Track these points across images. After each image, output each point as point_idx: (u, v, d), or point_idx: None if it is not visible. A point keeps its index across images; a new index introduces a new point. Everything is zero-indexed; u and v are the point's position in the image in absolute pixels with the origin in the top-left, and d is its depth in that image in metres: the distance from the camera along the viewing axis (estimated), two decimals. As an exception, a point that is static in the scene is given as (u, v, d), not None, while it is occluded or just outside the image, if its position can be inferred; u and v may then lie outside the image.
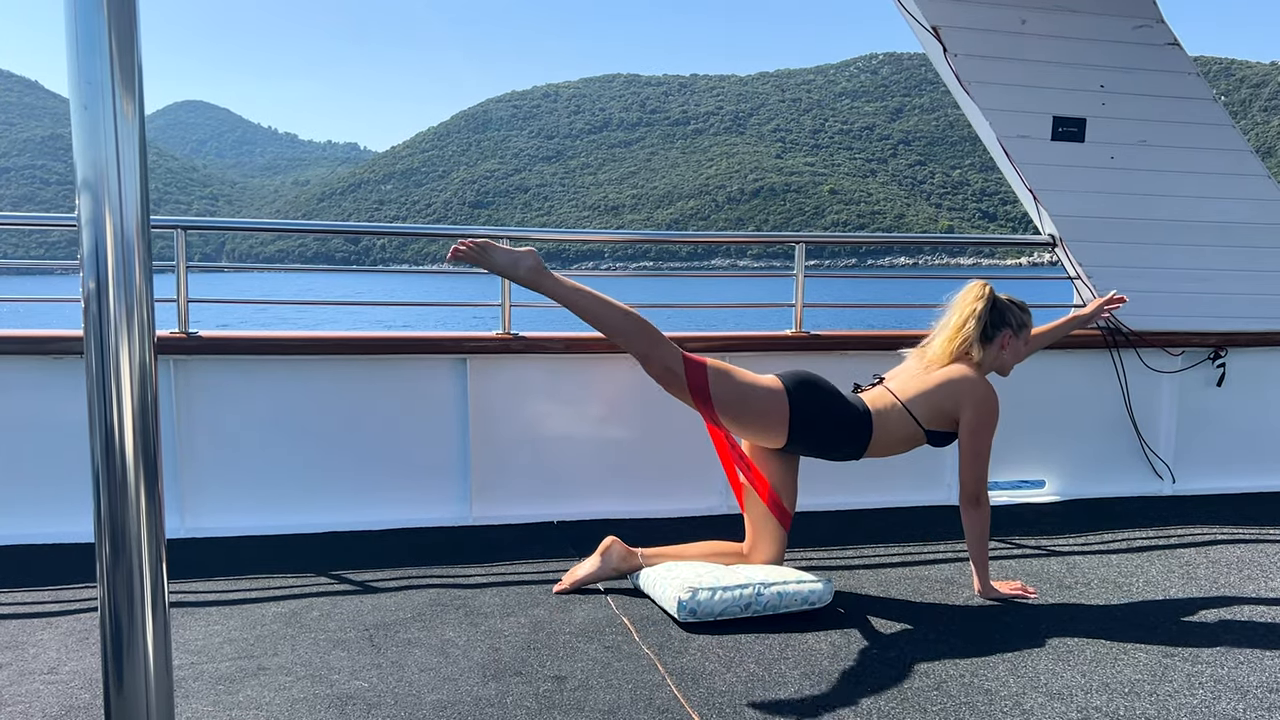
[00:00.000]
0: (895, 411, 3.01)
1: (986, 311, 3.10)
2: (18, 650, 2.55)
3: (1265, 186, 4.33)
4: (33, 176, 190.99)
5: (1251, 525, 3.88)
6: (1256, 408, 4.52)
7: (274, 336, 3.77)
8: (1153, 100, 4.21)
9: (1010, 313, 3.14)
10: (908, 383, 3.08)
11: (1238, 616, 2.87)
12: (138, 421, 1.12)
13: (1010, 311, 3.14)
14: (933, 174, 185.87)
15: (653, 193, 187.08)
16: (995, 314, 3.12)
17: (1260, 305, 4.41)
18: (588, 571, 3.07)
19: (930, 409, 3.01)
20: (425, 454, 3.82)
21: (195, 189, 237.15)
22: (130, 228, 1.11)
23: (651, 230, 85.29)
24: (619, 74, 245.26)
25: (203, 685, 2.34)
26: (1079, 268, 4.30)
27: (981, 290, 3.14)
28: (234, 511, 3.66)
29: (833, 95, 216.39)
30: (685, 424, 4.02)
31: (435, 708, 2.23)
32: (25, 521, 3.48)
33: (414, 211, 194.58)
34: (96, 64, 1.08)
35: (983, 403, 2.99)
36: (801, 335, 4.09)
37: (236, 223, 19.31)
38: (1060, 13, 4.08)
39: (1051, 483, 4.38)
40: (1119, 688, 2.37)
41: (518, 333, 3.88)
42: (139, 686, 1.15)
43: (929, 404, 3.01)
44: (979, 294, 3.13)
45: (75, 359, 3.49)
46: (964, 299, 3.15)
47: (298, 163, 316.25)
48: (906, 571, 3.29)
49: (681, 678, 2.41)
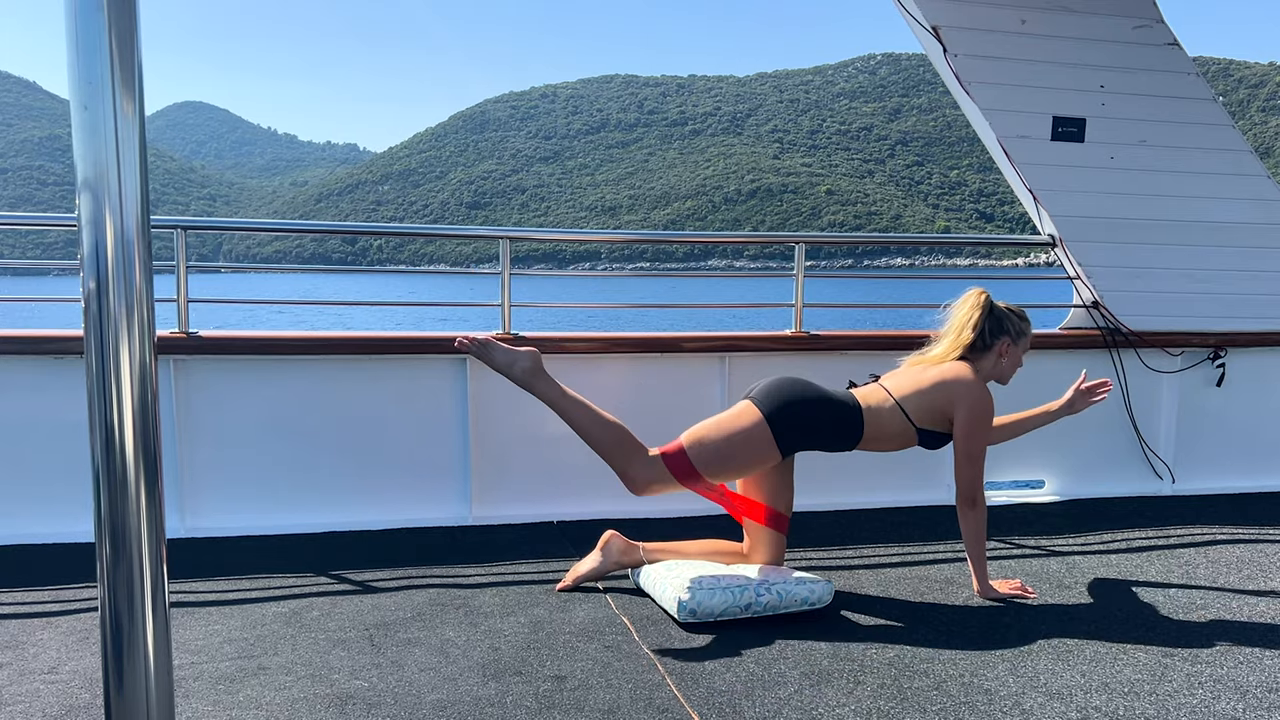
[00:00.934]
0: (888, 408, 3.00)
1: (984, 319, 3.09)
2: (18, 650, 2.55)
3: (1265, 186, 4.33)
4: (30, 177, 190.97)
5: (1251, 525, 3.88)
6: (1256, 408, 4.52)
7: (274, 336, 3.77)
8: (1153, 100, 4.21)
9: (1009, 320, 3.12)
10: (903, 382, 3.08)
11: (1237, 616, 2.87)
12: (138, 421, 1.12)
13: (1008, 319, 3.12)
14: (930, 174, 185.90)
15: (650, 193, 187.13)
16: (993, 321, 3.10)
17: (1260, 305, 4.41)
18: (590, 567, 3.07)
19: (924, 407, 3.00)
20: (425, 454, 3.82)
21: (193, 190, 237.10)
22: (130, 228, 1.11)
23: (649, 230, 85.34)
24: (617, 75, 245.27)
25: (203, 685, 2.34)
26: (1079, 268, 4.30)
27: (979, 298, 3.12)
28: (234, 511, 3.66)
29: (831, 96, 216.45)
30: (686, 423, 4.02)
31: (435, 707, 2.23)
32: (25, 521, 3.48)
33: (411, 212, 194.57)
34: (96, 64, 1.08)
35: (976, 404, 2.98)
36: (801, 335, 4.09)
37: (237, 223, 19.30)
38: (1060, 13, 4.08)
39: (1051, 483, 4.38)
40: (1119, 688, 2.37)
41: (518, 333, 3.88)
42: (139, 686, 1.15)
43: (923, 402, 3.01)
44: (976, 302, 3.11)
45: (75, 359, 3.49)
46: (961, 307, 3.14)
47: (296, 164, 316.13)
48: (906, 571, 3.29)
49: (681, 678, 2.41)
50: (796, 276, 4.12)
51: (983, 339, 3.08)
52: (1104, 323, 4.30)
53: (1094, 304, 4.33)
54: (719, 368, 4.02)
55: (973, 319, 3.08)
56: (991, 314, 3.11)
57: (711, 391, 4.02)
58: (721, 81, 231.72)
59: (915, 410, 3.00)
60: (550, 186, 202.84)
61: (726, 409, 3.07)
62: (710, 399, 4.01)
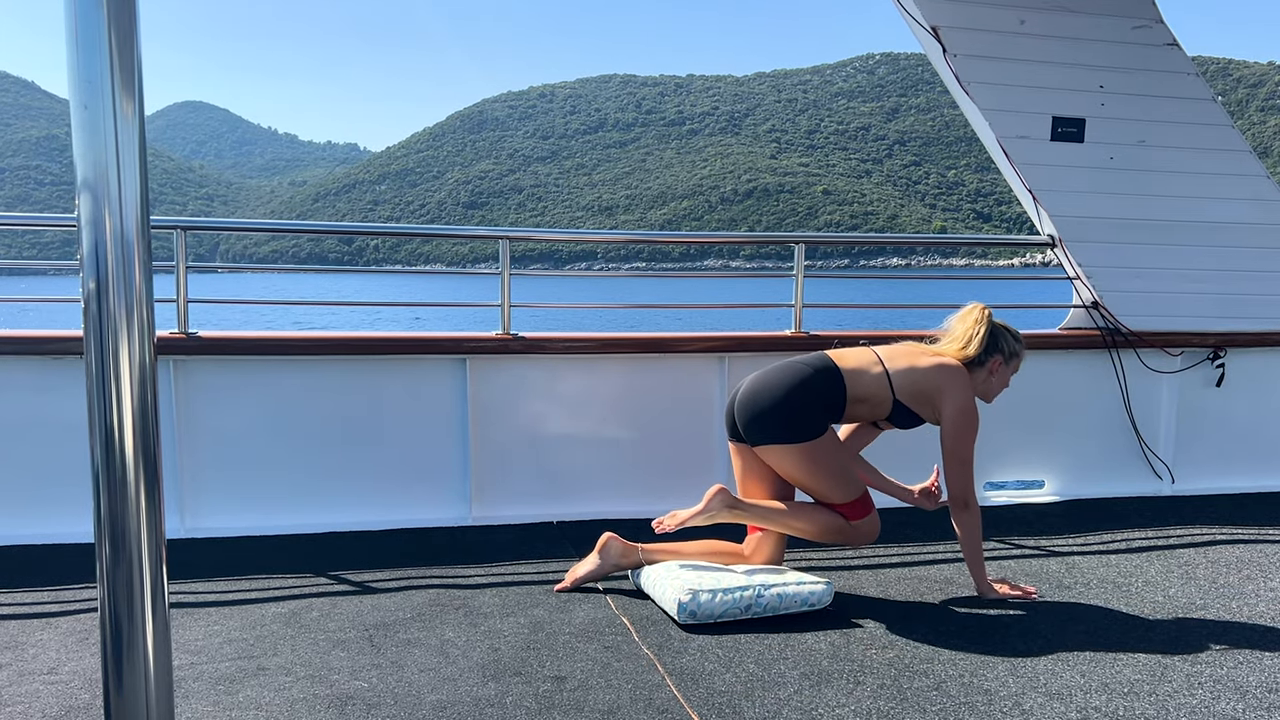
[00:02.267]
0: (874, 372, 3.01)
1: (985, 335, 3.08)
2: (18, 650, 2.55)
3: (1265, 186, 4.33)
4: (27, 177, 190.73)
5: (1251, 525, 3.88)
6: (1256, 408, 4.52)
7: (274, 337, 3.77)
8: (1152, 100, 4.21)
9: (1004, 339, 3.12)
10: (898, 354, 3.07)
11: (1237, 616, 2.87)
12: (138, 422, 1.12)
13: (1004, 338, 3.12)
14: (927, 174, 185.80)
15: (647, 193, 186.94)
16: (990, 338, 3.10)
17: (1260, 305, 4.41)
18: (588, 570, 3.07)
19: (911, 385, 3.00)
20: (425, 454, 3.82)
21: (191, 189, 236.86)
22: (130, 228, 1.11)
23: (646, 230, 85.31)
24: (616, 74, 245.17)
25: (203, 685, 2.34)
26: (1078, 268, 4.30)
27: (982, 313, 3.12)
28: (234, 512, 3.65)
29: (829, 95, 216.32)
30: (685, 424, 4.03)
31: (435, 708, 2.23)
32: (25, 521, 3.48)
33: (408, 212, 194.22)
34: (96, 64, 1.08)
35: (967, 405, 2.99)
36: (800, 335, 4.09)
37: (237, 223, 19.30)
38: (1059, 13, 4.08)
39: (1051, 483, 4.38)
40: (1119, 688, 2.37)
41: (517, 333, 3.88)
42: (139, 686, 1.14)
43: (911, 379, 3.01)
44: (978, 317, 3.12)
45: (75, 359, 3.48)
46: (964, 319, 3.14)
47: (296, 163, 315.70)
48: (906, 571, 3.29)
49: (681, 678, 2.40)
50: (796, 276, 4.12)
51: (978, 355, 3.08)
52: (1104, 323, 4.30)
53: (1094, 304, 4.33)
54: (718, 368, 4.02)
55: (978, 334, 3.07)
56: (991, 331, 3.11)
57: (710, 392, 4.02)
58: (720, 81, 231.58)
59: (901, 383, 3.00)
60: (548, 186, 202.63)
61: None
62: (709, 400, 4.01)
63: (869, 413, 3.07)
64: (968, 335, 3.09)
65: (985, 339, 3.08)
